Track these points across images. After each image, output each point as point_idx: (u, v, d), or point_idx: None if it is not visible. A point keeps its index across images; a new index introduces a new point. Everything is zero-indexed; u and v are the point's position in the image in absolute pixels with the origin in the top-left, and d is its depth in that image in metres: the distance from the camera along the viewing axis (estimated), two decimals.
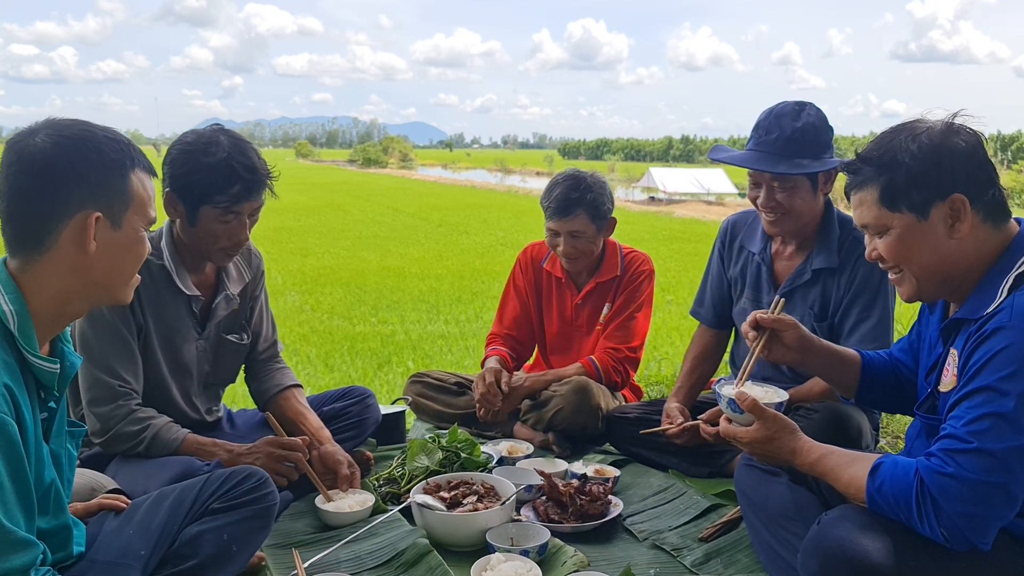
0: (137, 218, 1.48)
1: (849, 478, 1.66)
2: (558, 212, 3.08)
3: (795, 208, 2.51)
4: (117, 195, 1.44)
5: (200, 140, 2.26)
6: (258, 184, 2.27)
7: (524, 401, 3.18)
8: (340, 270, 9.76)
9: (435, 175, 50.60)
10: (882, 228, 1.67)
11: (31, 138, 1.41)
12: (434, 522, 2.28)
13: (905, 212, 1.63)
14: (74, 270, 1.42)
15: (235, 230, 2.29)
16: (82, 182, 1.40)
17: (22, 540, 1.31)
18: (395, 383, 4.59)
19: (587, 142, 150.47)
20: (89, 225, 1.40)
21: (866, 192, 1.67)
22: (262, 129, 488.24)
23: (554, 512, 2.41)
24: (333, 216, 17.95)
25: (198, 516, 1.79)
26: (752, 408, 1.80)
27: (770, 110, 2.55)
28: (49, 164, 1.39)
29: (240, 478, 1.87)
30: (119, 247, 1.45)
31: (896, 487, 1.55)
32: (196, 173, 2.21)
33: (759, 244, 2.73)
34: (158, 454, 2.25)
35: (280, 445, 2.35)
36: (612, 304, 3.25)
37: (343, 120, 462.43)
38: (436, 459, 2.65)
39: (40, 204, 1.39)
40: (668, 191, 30.21)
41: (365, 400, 2.84)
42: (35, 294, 1.40)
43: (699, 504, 2.54)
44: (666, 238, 14.45)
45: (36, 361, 1.40)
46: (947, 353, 1.71)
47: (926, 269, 1.66)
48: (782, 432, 1.80)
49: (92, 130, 1.45)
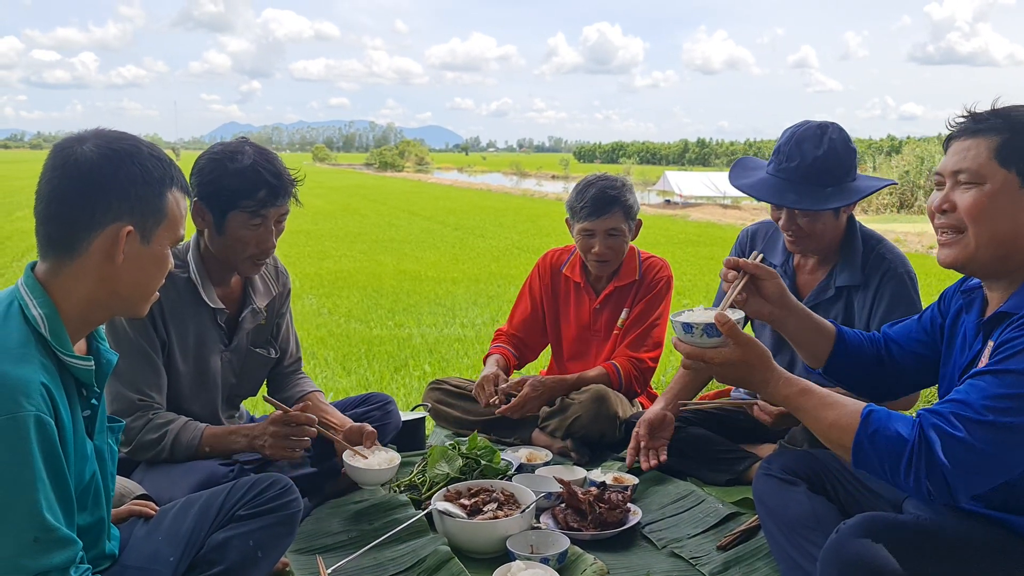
0: (167, 235, 1.51)
1: (833, 419, 1.59)
2: (595, 211, 3.09)
3: (816, 233, 2.50)
4: (152, 212, 1.48)
5: (227, 149, 2.32)
6: (284, 189, 2.32)
7: (543, 408, 3.20)
8: (357, 273, 9.81)
9: (451, 179, 50.71)
10: (978, 178, 1.63)
11: (79, 145, 1.45)
12: (455, 529, 2.30)
13: (1012, 172, 1.60)
14: (100, 279, 1.45)
15: (263, 236, 2.33)
16: (122, 195, 1.44)
17: (64, 538, 1.34)
18: (412, 387, 4.62)
19: (602, 145, 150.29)
20: (121, 237, 1.43)
21: (982, 139, 1.63)
22: (280, 133, 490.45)
23: (573, 520, 2.43)
24: (350, 219, 18.03)
25: (224, 523, 1.82)
26: (730, 331, 1.66)
27: (792, 133, 2.50)
28: (93, 173, 1.42)
29: (265, 485, 1.90)
30: (145, 262, 1.49)
31: (889, 436, 1.52)
32: (224, 179, 2.26)
33: (780, 257, 2.72)
34: (182, 455, 2.28)
35: (283, 421, 2.31)
36: (631, 310, 3.26)
37: (360, 124, 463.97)
38: (456, 466, 2.68)
39: (78, 211, 1.42)
40: (684, 195, 30.10)
41: (386, 406, 2.86)
42: (64, 298, 1.44)
43: (718, 512, 2.55)
44: (682, 242, 14.41)
45: (72, 361, 1.43)
46: (985, 347, 1.69)
47: (995, 238, 1.62)
48: (758, 358, 1.69)
49: (138, 146, 1.48)
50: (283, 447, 2.30)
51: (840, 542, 1.63)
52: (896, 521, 1.66)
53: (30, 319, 1.40)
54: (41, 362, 1.37)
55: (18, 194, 23.55)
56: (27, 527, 1.29)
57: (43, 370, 1.36)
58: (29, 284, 1.43)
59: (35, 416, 1.29)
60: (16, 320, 1.39)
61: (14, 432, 1.27)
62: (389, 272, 9.97)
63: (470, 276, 9.66)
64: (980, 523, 1.69)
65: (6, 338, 1.36)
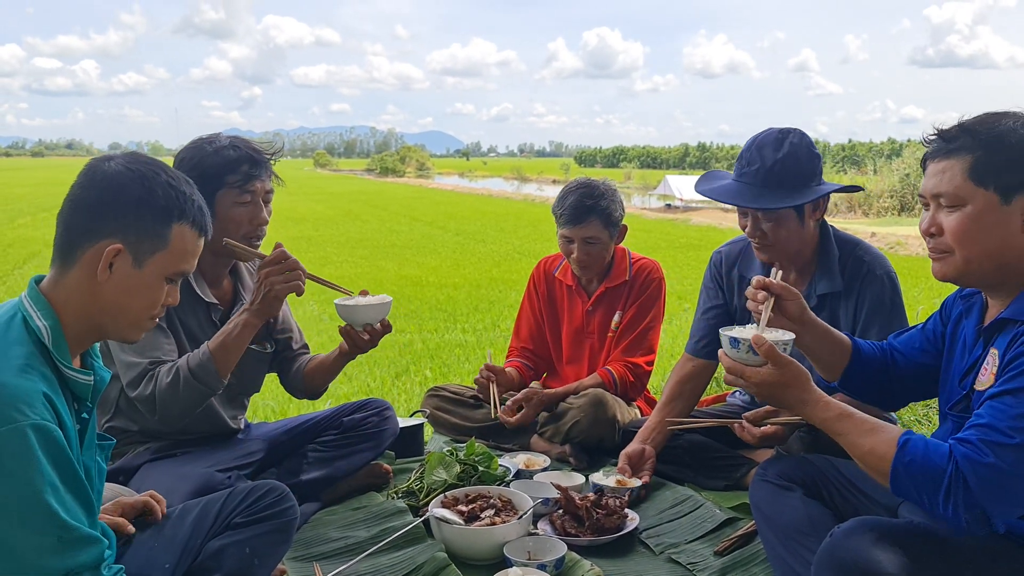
0: (163, 265, 1.49)
1: (870, 447, 1.60)
2: (572, 219, 3.13)
3: (781, 239, 2.47)
4: (149, 237, 1.47)
5: (202, 137, 2.40)
6: (264, 162, 2.39)
7: (541, 414, 3.21)
8: (358, 279, 9.81)
9: (452, 184, 50.77)
10: (958, 201, 1.63)
11: (107, 161, 1.49)
12: (452, 536, 2.31)
13: (990, 191, 1.60)
14: (87, 292, 1.46)
15: (254, 212, 2.36)
16: (122, 213, 1.45)
17: (86, 536, 1.35)
18: (413, 392, 4.62)
19: (603, 150, 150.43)
20: (107, 254, 1.44)
21: (955, 161, 1.63)
22: (280, 139, 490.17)
23: (571, 526, 2.43)
24: (351, 225, 18.05)
25: (221, 530, 1.83)
26: (768, 353, 1.69)
27: (753, 139, 2.50)
28: (104, 187, 1.45)
29: (261, 492, 1.91)
30: (133, 285, 1.47)
31: (927, 467, 1.52)
32: (206, 160, 2.32)
33: (758, 272, 2.67)
34: (206, 380, 2.19)
35: (272, 262, 2.24)
36: (623, 312, 3.27)
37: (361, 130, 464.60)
38: (454, 472, 2.68)
39: (82, 220, 1.45)
40: (684, 199, 30.09)
41: (383, 412, 2.86)
42: (64, 310, 1.45)
43: (715, 517, 2.55)
44: (683, 246, 14.41)
45: (71, 373, 1.45)
46: (986, 354, 1.69)
47: (984, 255, 1.63)
48: (795, 380, 1.71)
49: (158, 172, 1.49)
50: (281, 283, 2.22)
51: (834, 545, 1.63)
52: (890, 524, 1.66)
53: (33, 329, 1.41)
54: (42, 373, 1.38)
55: (20, 201, 23.61)
56: (47, 529, 1.31)
57: (44, 381, 1.37)
58: (32, 296, 1.45)
59: (35, 424, 1.30)
60: (19, 331, 1.40)
61: (16, 442, 1.29)
62: (390, 278, 9.98)
63: (471, 281, 9.67)
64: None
65: (8, 349, 1.37)
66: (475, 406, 3.35)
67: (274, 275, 2.23)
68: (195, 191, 1.55)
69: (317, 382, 2.70)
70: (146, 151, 25.24)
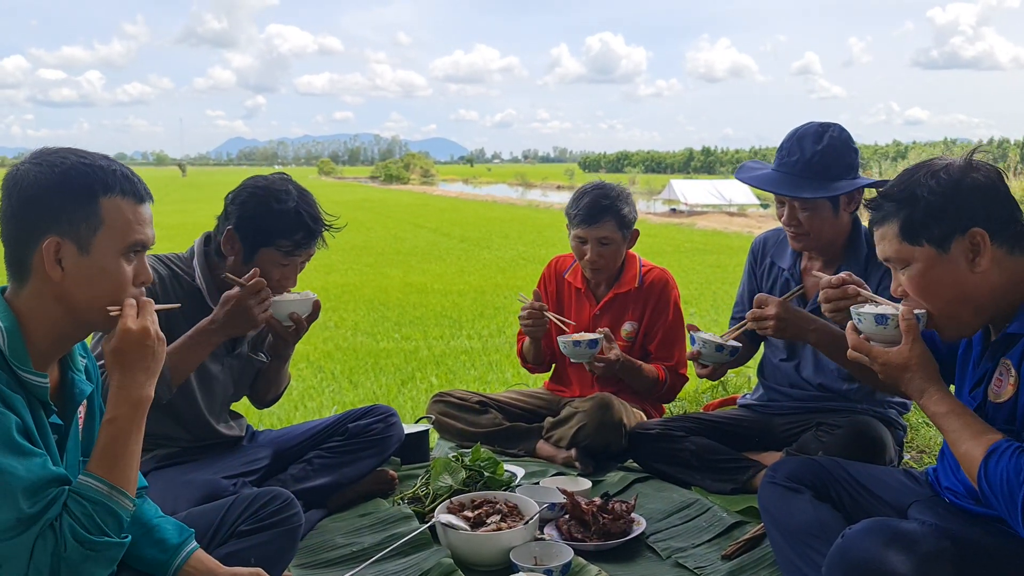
0: (110, 243, 1.46)
1: (965, 450, 1.61)
2: (587, 219, 3.12)
3: (816, 228, 2.57)
4: (82, 219, 1.44)
5: (271, 187, 2.36)
6: (318, 234, 2.40)
7: (546, 419, 3.20)
8: (363, 286, 9.83)
9: (456, 190, 50.82)
10: (904, 261, 1.70)
11: (21, 166, 1.46)
12: (458, 541, 2.30)
13: (926, 245, 1.66)
14: (53, 297, 1.45)
15: (288, 274, 2.39)
16: (44, 208, 1.43)
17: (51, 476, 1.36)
18: (419, 399, 4.62)
19: (607, 155, 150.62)
20: (47, 251, 1.42)
21: (887, 227, 1.71)
22: (285, 148, 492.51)
23: (577, 530, 2.42)
24: (356, 233, 18.10)
25: (226, 538, 1.83)
26: (909, 328, 1.69)
27: (794, 131, 2.61)
28: (21, 191, 1.43)
29: (266, 500, 1.90)
30: (91, 273, 1.45)
31: (1006, 481, 1.53)
32: (266, 218, 2.31)
33: (788, 260, 2.80)
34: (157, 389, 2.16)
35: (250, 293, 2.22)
36: (639, 323, 3.26)
37: (364, 137, 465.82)
38: (460, 478, 2.67)
39: (15, 230, 1.44)
40: (689, 203, 30.10)
41: (388, 418, 2.86)
42: (29, 318, 1.45)
43: (722, 521, 2.54)
44: (688, 250, 14.41)
45: (26, 376, 1.42)
46: (996, 365, 1.71)
47: (952, 303, 1.68)
48: (922, 368, 1.70)
49: (67, 157, 1.47)
50: (261, 311, 2.23)
51: (845, 547, 1.63)
52: (902, 526, 1.65)
53: None
54: None
55: None
56: (12, 490, 1.31)
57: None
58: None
59: None
60: None
61: None
62: (395, 285, 9.99)
63: (476, 288, 9.67)
64: (986, 527, 1.70)
65: None
66: (480, 412, 3.34)
67: (251, 300, 2.22)
68: (113, 162, 1.50)
69: (262, 390, 2.67)
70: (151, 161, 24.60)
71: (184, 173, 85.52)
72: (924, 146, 37.85)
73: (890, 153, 52.05)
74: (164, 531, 1.69)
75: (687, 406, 4.01)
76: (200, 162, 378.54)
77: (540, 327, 3.14)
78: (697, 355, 2.55)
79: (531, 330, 3.16)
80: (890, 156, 40.97)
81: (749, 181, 2.67)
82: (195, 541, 1.71)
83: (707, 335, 2.54)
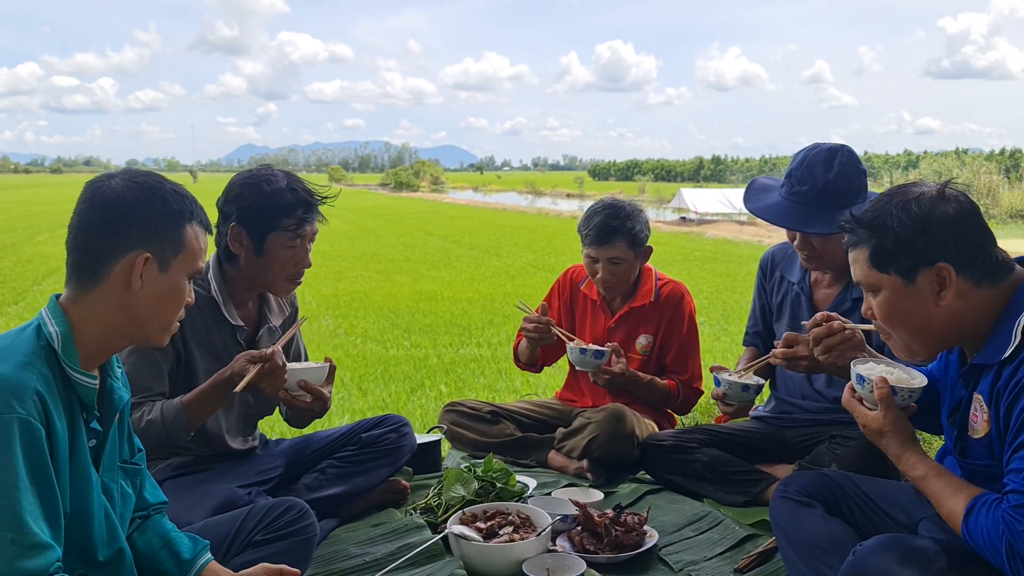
0: (184, 266, 1.58)
1: (948, 511, 1.67)
2: (598, 240, 3.13)
3: (829, 252, 2.60)
4: (170, 242, 1.54)
5: (258, 174, 2.42)
6: (316, 205, 2.45)
7: (558, 429, 3.21)
8: (373, 294, 9.85)
9: (466, 198, 50.91)
10: (873, 287, 1.73)
11: (108, 180, 1.55)
12: (471, 553, 2.30)
13: (893, 274, 1.68)
14: (120, 305, 1.52)
15: (301, 255, 2.42)
16: (141, 225, 1.51)
17: (41, 543, 1.34)
18: (429, 407, 4.62)
19: (617, 163, 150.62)
20: (138, 264, 1.50)
21: (859, 251, 1.73)
22: (296, 155, 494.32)
23: (589, 542, 2.43)
24: (366, 240, 18.14)
25: (242, 548, 1.84)
26: (882, 398, 1.79)
27: (804, 156, 2.60)
28: (116, 204, 1.51)
29: (281, 510, 1.92)
30: (163, 290, 1.55)
31: (987, 537, 1.56)
32: (263, 201, 2.35)
33: (798, 274, 2.83)
34: (175, 434, 2.18)
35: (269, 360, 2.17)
36: (655, 337, 3.27)
37: (375, 144, 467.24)
38: (472, 489, 2.68)
39: (100, 240, 1.50)
40: (699, 212, 30.02)
41: (401, 428, 2.87)
42: (83, 323, 1.50)
43: (735, 534, 2.54)
44: (698, 259, 14.38)
45: (76, 376, 1.48)
46: (971, 397, 1.73)
47: (913, 332, 1.71)
48: (897, 435, 1.78)
49: (161, 182, 1.58)
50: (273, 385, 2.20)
51: (858, 563, 1.64)
52: (914, 542, 1.66)
53: (45, 335, 1.46)
54: (42, 372, 1.42)
55: (39, 218, 23.86)
56: (4, 527, 1.31)
57: (42, 380, 1.40)
58: (51, 307, 1.51)
59: (22, 419, 1.33)
60: (30, 334, 1.47)
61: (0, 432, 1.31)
62: (405, 292, 10.00)
63: (486, 295, 9.68)
64: None
65: (15, 347, 1.43)
66: (493, 422, 3.35)
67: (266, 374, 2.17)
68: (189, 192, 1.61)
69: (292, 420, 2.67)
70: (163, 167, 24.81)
71: (195, 179, 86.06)
72: (936, 155, 37.77)
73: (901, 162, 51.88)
74: (180, 544, 1.73)
75: (699, 417, 4.01)
76: (211, 168, 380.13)
77: (546, 340, 3.16)
78: (723, 395, 2.54)
79: (535, 341, 3.19)
80: (901, 165, 40.87)
81: (759, 213, 2.67)
82: (209, 553, 1.73)
83: (731, 376, 2.52)
